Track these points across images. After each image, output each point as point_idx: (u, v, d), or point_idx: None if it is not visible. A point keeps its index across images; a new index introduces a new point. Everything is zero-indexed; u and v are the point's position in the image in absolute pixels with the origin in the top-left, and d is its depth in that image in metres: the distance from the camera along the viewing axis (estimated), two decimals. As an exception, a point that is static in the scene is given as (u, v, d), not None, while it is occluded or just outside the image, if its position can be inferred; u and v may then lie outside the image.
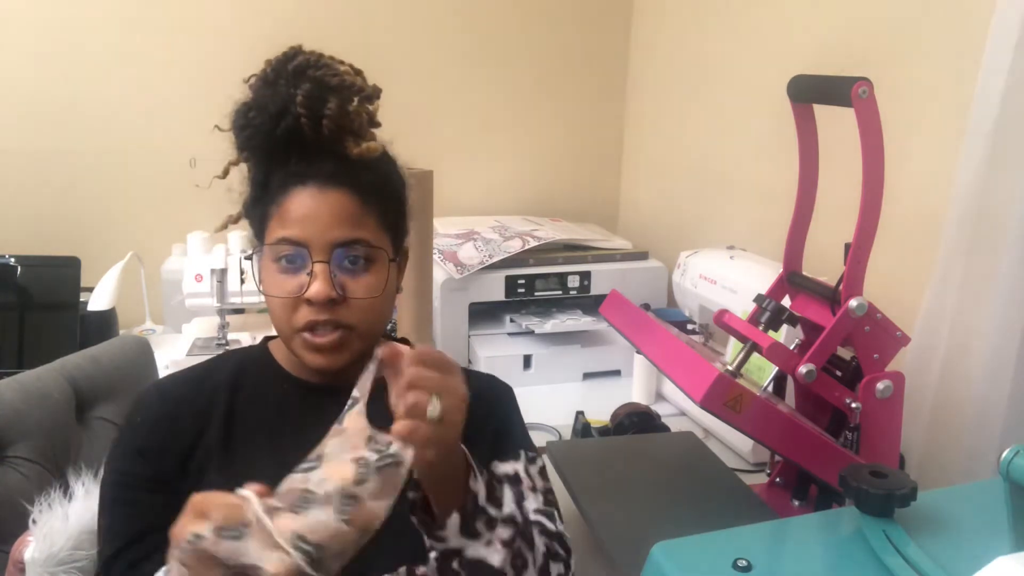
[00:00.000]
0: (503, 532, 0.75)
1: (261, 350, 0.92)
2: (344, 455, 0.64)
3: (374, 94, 0.84)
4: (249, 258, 0.86)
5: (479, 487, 0.75)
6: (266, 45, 0.84)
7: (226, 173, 0.87)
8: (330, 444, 0.65)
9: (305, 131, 0.79)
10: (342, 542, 0.62)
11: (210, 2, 1.91)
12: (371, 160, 0.83)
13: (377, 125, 0.86)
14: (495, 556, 0.74)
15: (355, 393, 0.69)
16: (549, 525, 0.85)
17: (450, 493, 0.74)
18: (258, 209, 0.84)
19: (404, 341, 0.98)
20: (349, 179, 0.80)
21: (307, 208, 0.79)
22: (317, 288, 0.78)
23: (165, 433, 0.82)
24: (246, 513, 0.59)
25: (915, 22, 1.29)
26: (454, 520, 0.73)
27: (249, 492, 0.61)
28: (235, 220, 0.89)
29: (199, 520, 0.59)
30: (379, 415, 0.69)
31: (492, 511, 0.75)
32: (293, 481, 0.63)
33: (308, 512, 0.61)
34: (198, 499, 0.61)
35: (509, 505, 0.77)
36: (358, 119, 0.82)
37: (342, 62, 0.83)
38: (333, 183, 0.80)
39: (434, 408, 0.66)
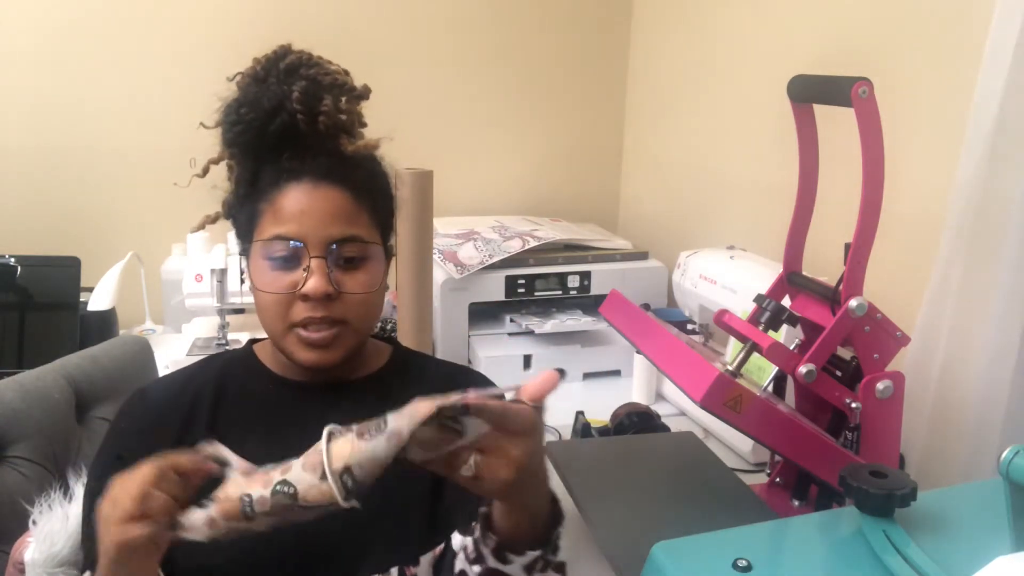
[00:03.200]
0: None
1: (246, 352, 0.91)
2: (431, 402, 0.62)
3: (363, 94, 0.85)
4: (241, 255, 0.86)
5: (559, 535, 0.73)
6: (268, 45, 0.85)
7: (206, 171, 0.87)
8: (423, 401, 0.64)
9: (301, 128, 0.80)
10: (376, 477, 0.62)
11: (214, 4, 1.91)
12: (362, 158, 0.83)
13: (364, 125, 0.86)
14: None
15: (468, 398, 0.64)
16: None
17: (522, 520, 0.70)
18: (247, 207, 0.84)
19: (390, 341, 0.98)
20: (342, 176, 0.81)
21: (302, 204, 0.79)
22: (315, 284, 0.78)
23: (148, 438, 0.81)
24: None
25: (915, 22, 1.29)
26: (533, 554, 0.70)
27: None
28: (213, 220, 0.89)
29: None
30: None
31: (550, 555, 0.73)
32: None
33: (371, 442, 0.61)
34: None
35: (563, 553, 0.75)
36: (349, 118, 0.83)
37: (330, 62, 0.84)
38: (327, 180, 0.80)
39: (468, 469, 0.63)
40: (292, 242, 0.79)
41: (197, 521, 0.62)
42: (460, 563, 0.75)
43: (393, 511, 0.82)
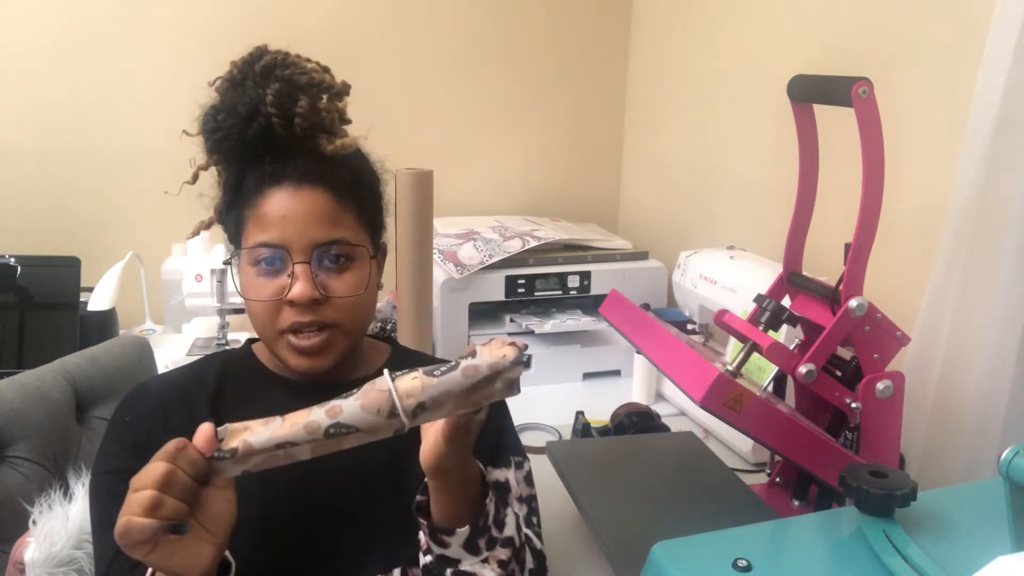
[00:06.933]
0: (501, 553, 0.75)
1: (244, 351, 0.91)
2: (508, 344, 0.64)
3: (343, 90, 0.83)
4: (228, 263, 0.86)
5: (491, 508, 0.75)
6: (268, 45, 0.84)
7: (195, 178, 0.86)
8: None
9: (277, 131, 0.79)
10: (448, 416, 0.62)
11: (213, 3, 1.91)
12: (345, 157, 0.82)
13: (348, 122, 0.85)
14: (488, 574, 0.74)
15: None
16: (536, 543, 0.85)
17: (458, 504, 0.73)
18: (233, 213, 0.83)
19: (389, 341, 0.98)
20: (324, 177, 0.80)
21: (284, 209, 0.78)
22: (299, 290, 0.77)
23: (157, 429, 0.81)
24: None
25: (915, 22, 1.29)
26: (463, 532, 0.73)
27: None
28: (207, 226, 0.88)
29: None
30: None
31: (495, 532, 0.75)
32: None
33: (444, 377, 0.61)
34: None
35: (511, 528, 0.77)
36: (329, 116, 0.81)
37: (308, 60, 0.83)
38: (308, 182, 0.79)
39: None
40: (275, 248, 0.79)
41: (225, 467, 0.60)
42: (421, 558, 0.77)
43: (396, 513, 0.82)
